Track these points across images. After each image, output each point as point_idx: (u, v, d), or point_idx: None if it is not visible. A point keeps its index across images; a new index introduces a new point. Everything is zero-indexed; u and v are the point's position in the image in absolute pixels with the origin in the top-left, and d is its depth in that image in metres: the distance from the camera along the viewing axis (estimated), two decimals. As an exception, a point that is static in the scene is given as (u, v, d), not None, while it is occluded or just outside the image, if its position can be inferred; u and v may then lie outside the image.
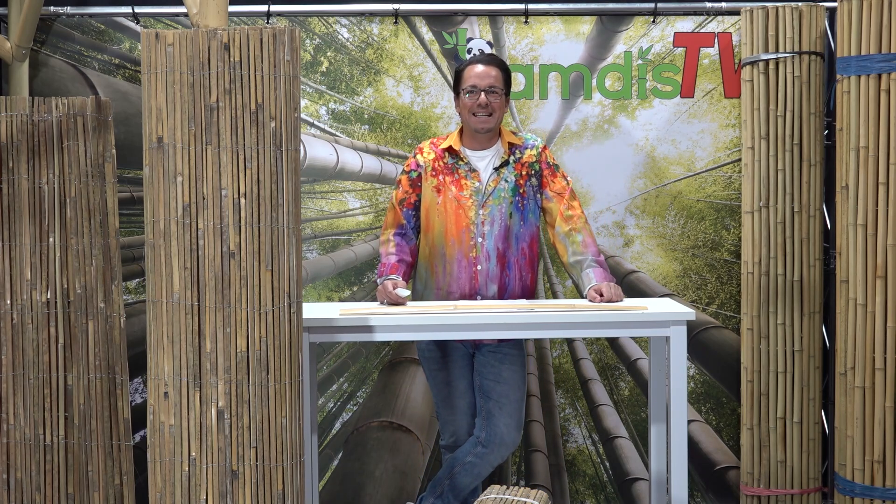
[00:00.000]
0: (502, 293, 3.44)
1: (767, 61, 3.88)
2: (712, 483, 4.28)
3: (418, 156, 3.52)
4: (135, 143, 4.07)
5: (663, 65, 4.21)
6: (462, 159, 3.46)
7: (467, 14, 4.18)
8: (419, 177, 3.50)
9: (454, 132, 3.52)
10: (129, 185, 4.18)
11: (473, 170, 3.46)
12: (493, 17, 4.19)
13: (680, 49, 4.19)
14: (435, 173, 3.47)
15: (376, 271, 3.48)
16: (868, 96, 3.59)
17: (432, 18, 4.20)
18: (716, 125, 4.22)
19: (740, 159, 4.14)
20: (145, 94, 2.89)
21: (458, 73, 3.47)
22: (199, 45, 2.84)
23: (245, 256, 2.84)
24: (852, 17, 3.60)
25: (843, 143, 3.66)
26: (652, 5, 4.15)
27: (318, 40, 4.22)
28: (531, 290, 3.51)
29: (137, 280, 4.23)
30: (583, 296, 3.51)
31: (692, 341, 4.21)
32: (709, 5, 4.16)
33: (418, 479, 4.27)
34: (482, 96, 3.39)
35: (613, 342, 4.31)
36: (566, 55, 4.21)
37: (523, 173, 3.47)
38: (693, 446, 4.24)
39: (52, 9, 4.12)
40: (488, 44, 4.18)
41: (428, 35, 4.21)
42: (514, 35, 4.20)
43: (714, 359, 4.28)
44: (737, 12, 4.13)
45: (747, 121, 3.93)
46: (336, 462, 4.28)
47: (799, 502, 3.95)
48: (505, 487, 3.02)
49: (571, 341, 4.30)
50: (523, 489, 2.98)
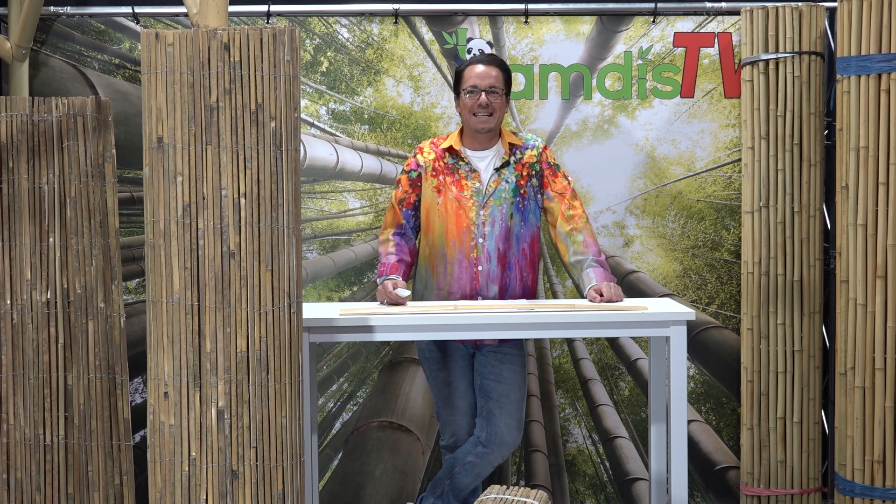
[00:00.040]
0: (503, 294, 3.44)
1: (767, 61, 3.88)
2: (712, 483, 4.28)
3: (418, 156, 3.51)
4: (135, 143, 4.07)
5: (663, 65, 4.20)
6: (463, 159, 3.46)
7: (467, 14, 4.18)
8: (419, 177, 3.50)
9: (454, 132, 3.52)
10: (129, 185, 4.18)
11: (474, 170, 3.46)
12: (493, 17, 4.19)
13: (680, 49, 4.19)
14: (435, 173, 3.47)
15: (376, 271, 3.48)
16: (868, 96, 3.59)
17: (432, 18, 4.20)
18: (716, 125, 4.22)
19: (740, 159, 4.14)
20: (145, 94, 2.89)
21: (458, 73, 3.47)
22: (199, 45, 2.84)
23: (245, 256, 2.84)
24: (852, 17, 3.61)
25: (843, 143, 3.66)
26: (652, 5, 4.15)
27: (318, 40, 4.22)
28: (532, 290, 3.51)
29: (137, 280, 4.23)
30: (583, 296, 3.51)
31: (692, 341, 4.21)
32: (709, 5, 4.16)
33: (418, 479, 4.27)
34: (483, 96, 3.39)
35: (613, 342, 4.31)
36: (566, 55, 4.21)
37: (524, 174, 3.47)
38: (693, 446, 4.24)
39: (52, 9, 4.12)
40: (488, 44, 4.18)
41: (428, 35, 4.21)
42: (514, 35, 4.20)
43: (714, 359, 4.28)
44: (737, 12, 4.13)
45: (747, 121, 3.93)
46: (336, 462, 4.28)
47: (799, 502, 3.95)
48: (505, 487, 3.02)
49: (571, 341, 4.30)
50: (523, 489, 2.98)
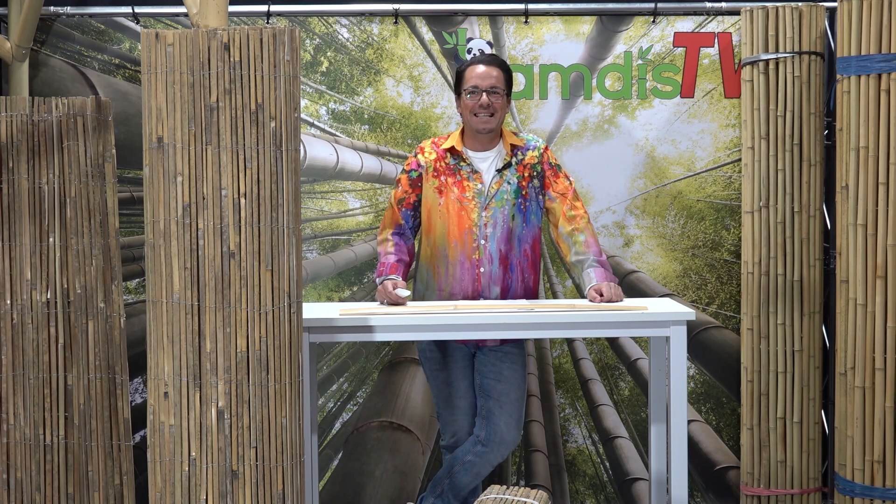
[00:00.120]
0: (505, 295, 3.44)
1: (767, 61, 3.88)
2: (712, 483, 4.28)
3: (419, 156, 3.50)
4: (135, 143, 4.07)
5: (663, 65, 4.20)
6: (464, 160, 3.45)
7: (467, 14, 4.18)
8: (419, 177, 3.49)
9: (455, 132, 3.51)
10: (129, 185, 4.18)
11: (475, 171, 3.45)
12: (493, 17, 4.19)
13: (680, 49, 4.19)
14: (437, 174, 3.46)
15: (375, 271, 3.48)
16: (868, 96, 3.59)
17: (432, 18, 4.20)
18: (716, 125, 4.22)
19: (740, 159, 4.14)
20: (145, 94, 2.89)
21: (459, 73, 3.47)
22: (199, 45, 2.84)
23: (245, 256, 2.84)
24: (852, 17, 3.60)
25: (843, 143, 3.66)
26: (652, 5, 4.15)
27: (318, 40, 4.22)
28: (534, 291, 3.51)
29: (137, 280, 4.23)
30: (583, 295, 3.51)
31: (692, 341, 4.21)
32: (709, 5, 4.16)
33: (418, 479, 4.27)
34: (484, 97, 3.38)
35: (613, 342, 4.31)
36: (566, 55, 4.21)
37: (525, 175, 3.46)
38: (693, 446, 4.24)
39: (52, 9, 4.12)
40: (488, 44, 4.18)
41: (428, 35, 4.21)
42: (514, 35, 4.20)
43: (714, 359, 4.28)
44: (737, 12, 4.13)
45: (747, 121, 3.93)
46: (336, 462, 4.28)
47: (799, 502, 3.95)
48: (505, 487, 3.02)
49: (571, 341, 4.30)
50: (523, 489, 2.98)
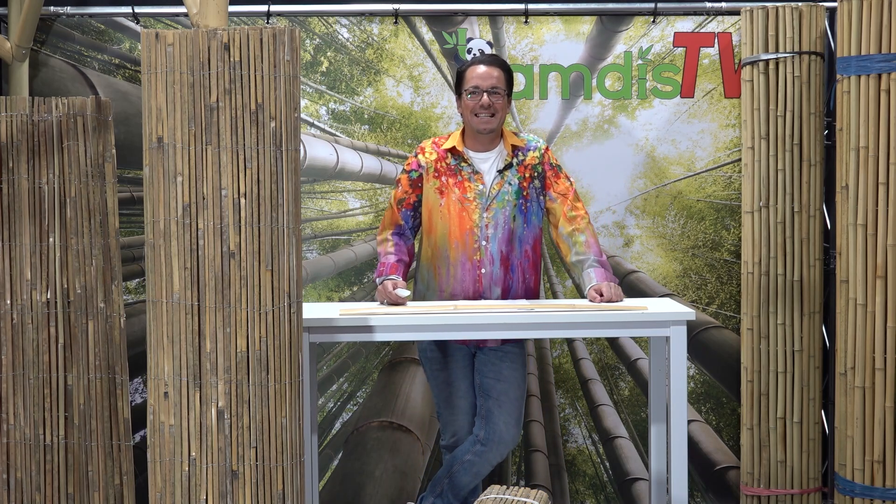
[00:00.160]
0: (506, 296, 3.44)
1: (767, 61, 3.88)
2: (712, 483, 4.28)
3: (420, 156, 3.50)
4: (135, 143, 4.07)
5: (663, 65, 4.20)
6: (465, 161, 3.45)
7: (467, 14, 4.18)
8: (420, 177, 3.49)
9: (456, 132, 3.50)
10: (129, 185, 4.18)
11: (476, 172, 3.44)
12: (493, 17, 4.19)
13: (680, 49, 4.19)
14: (437, 174, 3.46)
15: (375, 271, 3.48)
16: (868, 96, 3.59)
17: (432, 18, 4.20)
18: (716, 125, 4.22)
19: (740, 159, 4.14)
20: (145, 94, 2.89)
21: (459, 73, 3.46)
22: (199, 45, 2.84)
23: (245, 256, 2.84)
24: (852, 17, 3.60)
25: (843, 143, 3.66)
26: (652, 5, 4.15)
27: (318, 40, 4.22)
28: (535, 291, 3.51)
29: (137, 280, 4.23)
30: (583, 295, 3.51)
31: (692, 341, 4.21)
32: (709, 5, 4.16)
33: (418, 479, 4.27)
34: (485, 97, 3.37)
35: (613, 342, 4.31)
36: (566, 55, 4.21)
37: (526, 175, 3.46)
38: (693, 446, 4.24)
39: (52, 9, 4.12)
40: (488, 44, 4.18)
41: (428, 35, 4.21)
42: (514, 35, 4.20)
43: (714, 359, 4.28)
44: (737, 12, 4.13)
45: (747, 121, 3.93)
46: (336, 462, 4.28)
47: (799, 502, 3.95)
48: (505, 487, 3.02)
49: (571, 341, 4.30)
50: (523, 489, 2.98)
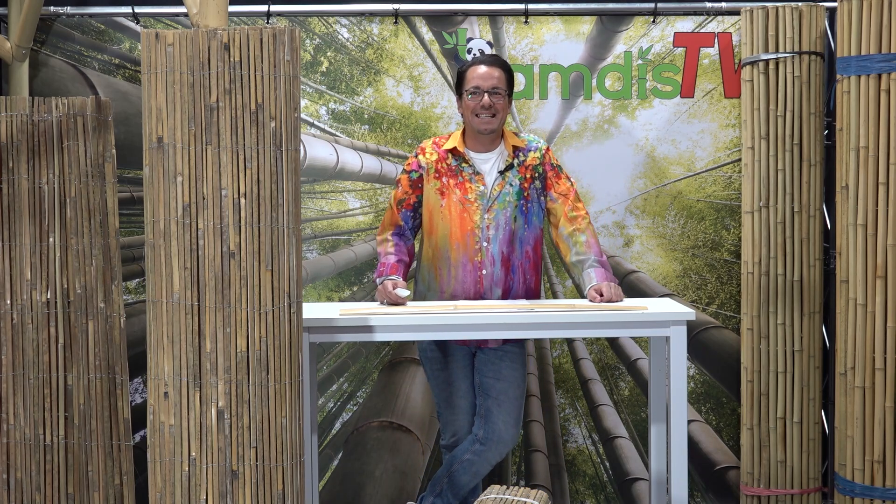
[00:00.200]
0: (507, 296, 3.43)
1: (767, 61, 3.88)
2: (712, 483, 4.28)
3: (420, 156, 3.49)
4: (135, 143, 4.07)
5: (663, 65, 4.20)
6: (466, 161, 3.44)
7: (467, 14, 4.18)
8: (420, 178, 3.48)
9: (457, 132, 3.49)
10: (129, 185, 4.18)
11: (477, 173, 3.43)
12: (493, 17, 4.19)
13: (680, 49, 4.19)
14: (438, 175, 3.45)
15: (375, 271, 3.47)
16: (868, 96, 3.59)
17: (432, 18, 4.20)
18: (716, 125, 4.22)
19: (740, 159, 4.14)
20: (145, 94, 2.89)
21: (460, 73, 3.46)
22: (199, 45, 2.84)
23: (245, 256, 2.84)
24: (852, 17, 3.60)
25: (843, 143, 3.66)
26: (652, 5, 4.15)
27: (318, 40, 4.22)
28: (535, 292, 3.50)
29: (137, 280, 4.23)
30: (583, 295, 3.51)
31: (692, 341, 4.21)
32: (709, 5, 4.16)
33: (418, 479, 4.27)
34: (485, 98, 3.37)
35: (613, 342, 4.31)
36: (566, 55, 4.21)
37: (527, 176, 3.45)
38: (693, 446, 4.24)
39: (52, 9, 4.12)
40: (488, 44, 4.18)
41: (428, 35, 4.21)
42: (514, 35, 4.20)
43: (714, 359, 4.28)
44: (737, 12, 4.13)
45: (747, 121, 3.93)
46: (336, 462, 4.28)
47: (799, 502, 3.95)
48: (505, 487, 3.02)
49: (571, 341, 4.30)
50: (523, 489, 2.98)
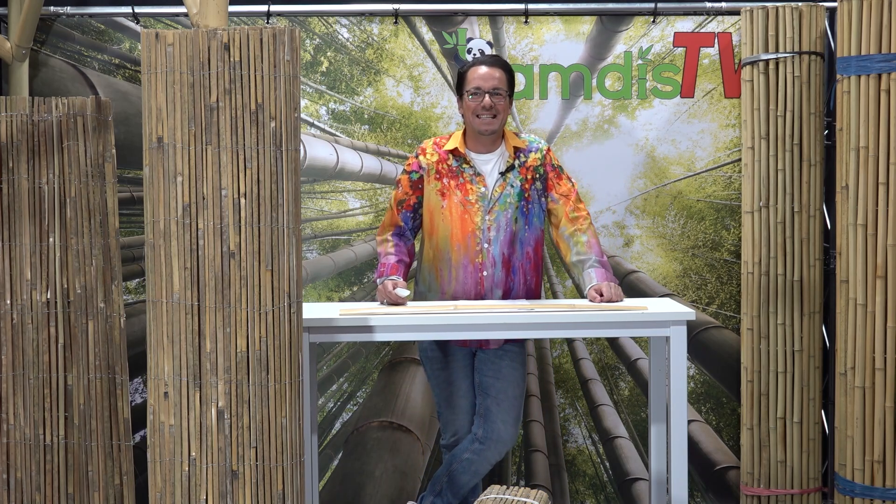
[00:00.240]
0: (507, 297, 3.43)
1: (767, 61, 3.88)
2: (712, 483, 4.28)
3: (420, 157, 3.48)
4: (135, 143, 4.07)
5: (663, 65, 4.20)
6: (467, 162, 3.43)
7: (467, 14, 4.18)
8: (420, 179, 3.48)
9: (457, 132, 3.49)
10: (129, 185, 4.18)
11: (478, 174, 3.43)
12: (493, 17, 4.19)
13: (680, 49, 4.19)
14: (439, 176, 3.45)
15: (375, 272, 3.47)
16: (868, 96, 3.59)
17: (432, 18, 4.20)
18: (716, 125, 4.22)
19: (740, 159, 4.14)
20: (145, 94, 2.89)
21: (461, 74, 3.45)
22: (199, 45, 2.84)
23: (245, 256, 2.84)
24: (852, 17, 3.60)
25: (843, 143, 3.66)
26: (652, 5, 4.15)
27: (318, 40, 4.22)
28: (536, 293, 3.50)
29: (137, 280, 4.23)
30: (583, 296, 3.51)
31: (692, 341, 4.21)
32: (709, 5, 4.16)
33: (418, 479, 4.27)
34: (486, 98, 3.36)
35: (613, 342, 4.31)
36: (566, 55, 4.21)
37: (528, 177, 3.45)
38: (693, 446, 4.24)
39: (52, 9, 4.12)
40: (488, 44, 4.18)
41: (428, 35, 4.21)
42: (514, 35, 4.20)
43: (714, 359, 4.28)
44: (737, 12, 4.13)
45: (747, 121, 3.93)
46: (336, 462, 4.28)
47: (799, 502, 3.95)
48: (505, 487, 3.02)
49: (571, 341, 4.30)
50: (523, 489, 2.98)
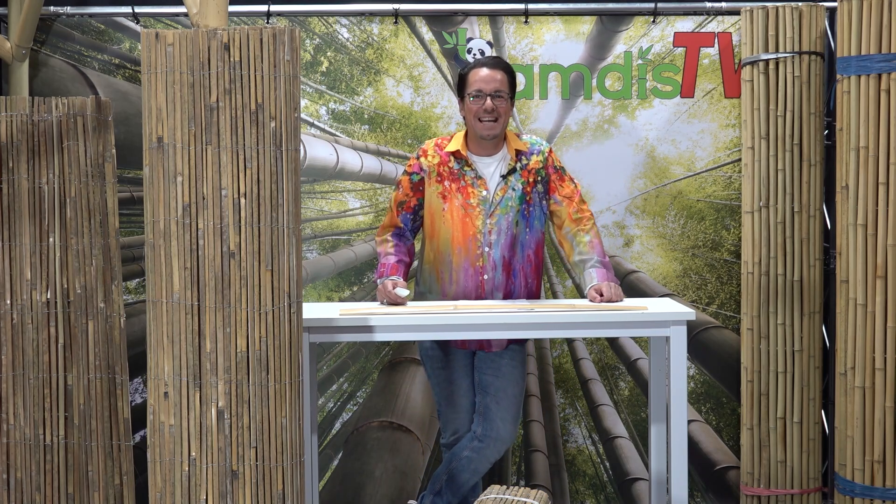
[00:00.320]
0: (508, 299, 3.42)
1: (767, 61, 3.88)
2: (712, 483, 4.28)
3: (422, 158, 3.47)
4: (135, 143, 4.07)
5: (663, 65, 4.20)
6: (468, 165, 3.42)
7: (467, 14, 4.18)
8: (421, 180, 3.46)
9: (459, 134, 3.48)
10: (129, 185, 4.18)
11: (480, 177, 3.42)
12: (493, 17, 4.19)
13: (680, 49, 4.19)
14: (440, 178, 3.44)
15: (375, 272, 3.47)
16: (868, 96, 3.59)
17: (432, 18, 4.20)
18: (716, 125, 4.22)
19: (740, 159, 4.14)
20: (145, 94, 2.89)
21: (462, 76, 3.43)
22: (199, 45, 2.84)
23: (245, 256, 2.84)
24: (852, 17, 3.60)
25: (843, 143, 3.66)
26: (652, 5, 4.15)
27: (318, 40, 4.22)
28: (536, 295, 3.50)
29: (137, 280, 4.23)
30: (583, 295, 3.51)
31: (692, 341, 4.21)
32: (709, 5, 4.16)
33: (418, 478, 4.27)
34: (488, 101, 3.34)
35: (613, 342, 4.31)
36: (566, 55, 4.21)
37: (530, 180, 3.44)
38: (693, 446, 4.24)
39: (52, 9, 4.12)
40: (488, 44, 4.18)
41: (428, 35, 4.21)
42: (514, 35, 4.20)
43: (714, 359, 4.28)
44: (737, 12, 4.13)
45: (747, 121, 3.93)
46: (336, 462, 4.28)
47: (799, 502, 3.95)
48: (505, 487, 3.02)
49: (571, 341, 4.30)
50: (523, 489, 2.98)
